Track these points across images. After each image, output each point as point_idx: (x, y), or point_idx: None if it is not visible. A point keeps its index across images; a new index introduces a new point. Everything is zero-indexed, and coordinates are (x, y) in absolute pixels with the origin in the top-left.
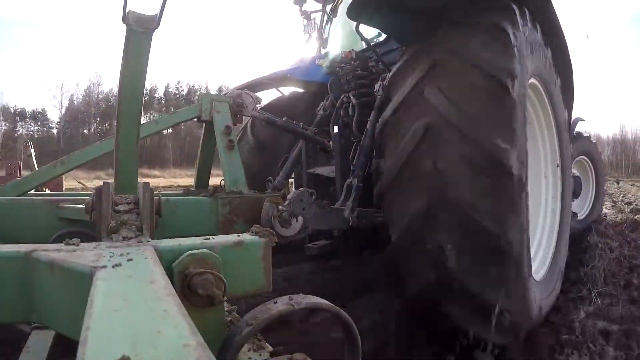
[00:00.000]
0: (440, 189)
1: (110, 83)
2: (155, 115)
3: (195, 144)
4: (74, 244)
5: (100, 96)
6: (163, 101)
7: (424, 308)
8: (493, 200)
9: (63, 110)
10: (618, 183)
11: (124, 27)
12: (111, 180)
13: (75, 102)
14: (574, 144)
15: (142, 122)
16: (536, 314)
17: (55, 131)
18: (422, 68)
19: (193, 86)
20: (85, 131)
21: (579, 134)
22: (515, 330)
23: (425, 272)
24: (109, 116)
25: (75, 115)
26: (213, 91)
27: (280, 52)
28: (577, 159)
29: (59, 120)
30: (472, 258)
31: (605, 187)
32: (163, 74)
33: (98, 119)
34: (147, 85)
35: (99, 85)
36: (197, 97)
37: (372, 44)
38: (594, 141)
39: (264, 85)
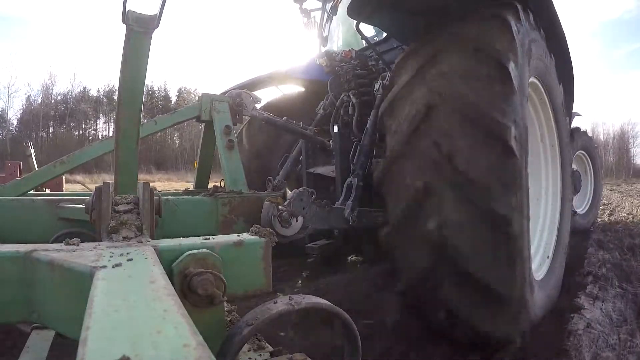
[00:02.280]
0: (443, 164)
1: (66, 83)
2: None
3: (146, 148)
4: (74, 244)
5: (59, 98)
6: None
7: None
8: (499, 180)
9: (14, 113)
10: None
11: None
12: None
13: (33, 103)
14: (572, 139)
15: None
16: (537, 313)
17: (15, 134)
18: (424, 55)
19: (151, 87)
20: (44, 134)
21: (577, 128)
22: (516, 329)
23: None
24: (65, 118)
25: (28, 119)
26: (173, 93)
27: (254, 54)
28: (576, 153)
29: (17, 123)
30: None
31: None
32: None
33: (57, 121)
34: (106, 87)
35: (53, 86)
36: (154, 98)
37: (372, 42)
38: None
39: (264, 84)
